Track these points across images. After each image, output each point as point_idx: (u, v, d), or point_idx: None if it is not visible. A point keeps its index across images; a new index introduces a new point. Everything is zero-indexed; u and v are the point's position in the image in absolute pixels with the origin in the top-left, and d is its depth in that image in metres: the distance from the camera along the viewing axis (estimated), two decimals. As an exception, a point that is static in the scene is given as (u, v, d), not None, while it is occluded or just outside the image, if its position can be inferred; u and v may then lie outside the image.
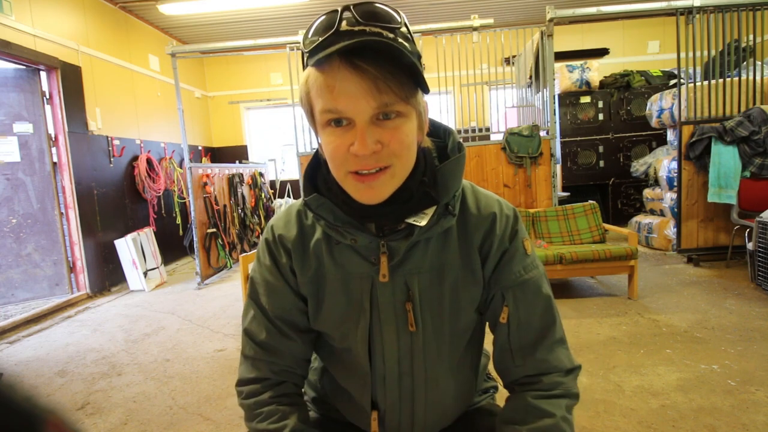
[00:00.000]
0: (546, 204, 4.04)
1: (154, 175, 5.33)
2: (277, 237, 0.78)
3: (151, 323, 3.45)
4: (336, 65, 0.58)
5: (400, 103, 0.60)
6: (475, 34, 4.00)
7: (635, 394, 1.98)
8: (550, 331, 0.75)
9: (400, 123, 0.62)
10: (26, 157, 4.02)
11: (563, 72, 5.87)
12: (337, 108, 0.60)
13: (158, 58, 5.92)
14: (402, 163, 0.64)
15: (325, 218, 0.70)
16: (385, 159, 0.62)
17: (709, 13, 3.87)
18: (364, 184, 0.64)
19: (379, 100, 0.59)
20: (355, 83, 0.58)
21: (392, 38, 0.58)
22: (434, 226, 0.70)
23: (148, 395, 2.28)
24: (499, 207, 0.76)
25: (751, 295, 3.15)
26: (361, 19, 0.59)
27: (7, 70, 3.92)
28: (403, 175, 0.66)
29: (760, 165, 3.70)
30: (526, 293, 0.75)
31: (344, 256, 0.74)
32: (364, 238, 0.70)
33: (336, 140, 0.62)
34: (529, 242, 0.78)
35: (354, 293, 0.75)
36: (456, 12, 6.07)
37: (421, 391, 0.77)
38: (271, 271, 0.78)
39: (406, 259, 0.72)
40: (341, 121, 0.61)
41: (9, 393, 0.35)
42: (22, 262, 4.08)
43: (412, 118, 0.63)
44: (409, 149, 0.64)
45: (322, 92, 0.60)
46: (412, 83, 0.61)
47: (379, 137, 0.61)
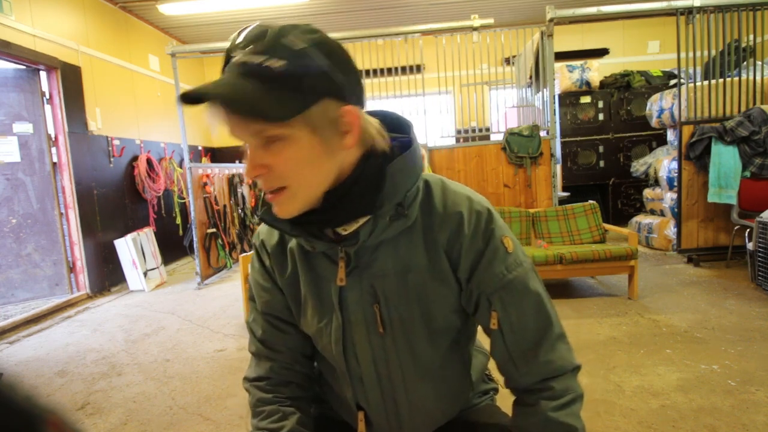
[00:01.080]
0: (546, 204, 4.04)
1: (154, 175, 5.33)
2: (260, 243, 0.82)
3: (151, 323, 3.45)
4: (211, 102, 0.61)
5: (272, 127, 0.59)
6: (475, 34, 4.00)
7: (635, 394, 1.98)
8: (548, 330, 0.72)
9: (282, 146, 0.61)
10: (26, 157, 4.02)
11: (563, 72, 5.87)
12: (233, 135, 0.63)
13: (158, 58, 5.92)
14: (297, 183, 0.63)
15: (282, 229, 0.71)
16: (276, 181, 0.62)
17: (709, 13, 3.87)
18: (272, 202, 0.66)
19: (247, 130, 0.60)
20: (228, 116, 0.60)
21: (256, 63, 0.58)
22: (387, 229, 0.68)
23: (148, 395, 2.28)
24: (468, 204, 0.72)
25: (752, 295, 3.15)
26: (238, 48, 0.61)
27: (7, 70, 3.92)
28: (307, 192, 0.64)
29: (760, 165, 3.70)
30: (513, 294, 0.71)
31: (315, 260, 0.76)
32: (321, 244, 0.71)
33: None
34: (509, 239, 0.73)
35: (325, 295, 0.76)
36: (456, 12, 6.07)
37: (401, 392, 0.77)
38: (259, 273, 0.82)
39: (370, 263, 0.72)
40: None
41: (9, 393, 0.35)
42: (22, 262, 4.08)
43: (300, 139, 0.60)
44: (299, 170, 0.62)
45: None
46: (292, 100, 0.58)
47: (264, 161, 0.61)
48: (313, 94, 0.59)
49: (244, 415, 2.04)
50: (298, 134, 0.61)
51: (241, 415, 2.04)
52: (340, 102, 0.62)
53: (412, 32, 4.04)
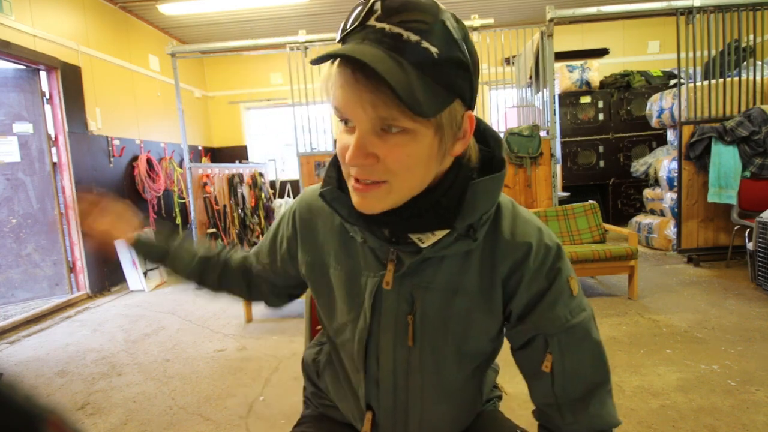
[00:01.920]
0: (546, 204, 4.04)
1: (154, 175, 5.33)
2: (306, 205, 0.80)
3: (151, 323, 3.45)
4: (345, 69, 0.53)
5: (404, 119, 0.53)
6: (475, 34, 3.99)
7: (635, 394, 1.98)
8: (603, 383, 0.69)
9: (404, 141, 0.55)
10: (26, 157, 4.02)
11: (563, 72, 5.87)
12: (341, 109, 0.55)
13: (158, 58, 5.91)
14: (401, 181, 0.57)
15: (339, 212, 0.66)
16: (380, 174, 0.57)
17: (709, 13, 3.87)
18: (358, 193, 0.59)
19: (374, 113, 0.53)
20: (355, 90, 0.52)
21: (413, 42, 0.51)
22: (450, 247, 0.64)
23: (148, 395, 2.28)
24: (538, 237, 0.67)
25: (752, 295, 3.15)
26: (384, 14, 0.52)
27: (7, 70, 3.92)
28: (403, 194, 0.59)
29: (760, 165, 3.70)
30: (573, 340, 0.67)
31: (356, 249, 0.72)
32: (374, 240, 0.66)
33: (342, 139, 0.58)
34: (575, 281, 0.68)
35: (358, 289, 0.72)
36: (456, 12, 6.01)
37: (416, 407, 0.74)
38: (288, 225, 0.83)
39: (417, 272, 0.67)
40: (347, 121, 0.57)
41: (9, 393, 0.35)
42: (22, 262, 4.08)
43: (424, 137, 0.55)
44: (411, 169, 0.57)
45: (331, 89, 0.56)
46: (438, 95, 0.53)
47: (376, 150, 0.55)
48: (453, 93, 0.55)
49: (244, 415, 2.04)
50: (425, 132, 0.55)
51: (241, 415, 2.04)
52: (465, 105, 0.58)
53: (412, 32, 4.03)
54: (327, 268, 0.76)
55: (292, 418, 2.10)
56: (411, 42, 0.51)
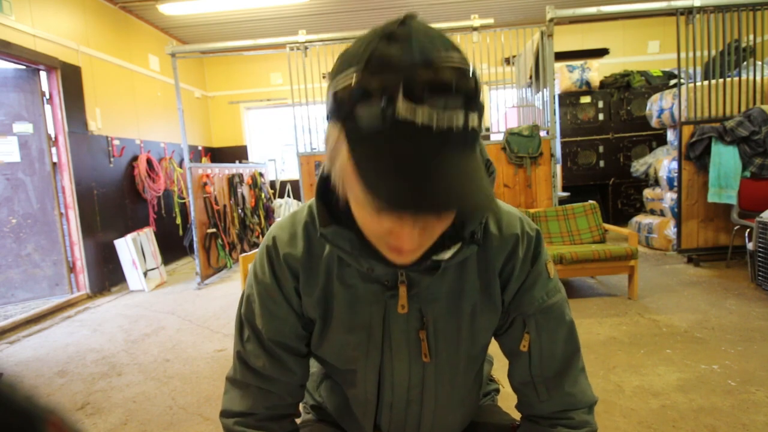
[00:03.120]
0: (546, 204, 4.04)
1: (154, 175, 5.33)
2: (283, 256, 0.69)
3: (151, 323, 3.45)
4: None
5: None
6: (475, 34, 3.99)
7: (635, 394, 1.98)
8: (574, 360, 0.72)
9: (447, 218, 0.55)
10: (26, 157, 4.02)
11: (563, 72, 5.87)
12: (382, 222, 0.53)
13: (158, 58, 5.92)
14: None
15: (341, 248, 0.63)
16: (428, 240, 0.56)
17: (709, 13, 3.87)
18: (401, 255, 0.56)
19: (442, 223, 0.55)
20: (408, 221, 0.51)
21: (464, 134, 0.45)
22: (456, 257, 0.64)
23: (148, 395, 2.28)
24: (521, 227, 0.69)
25: (752, 295, 3.15)
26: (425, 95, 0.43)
27: (7, 70, 3.92)
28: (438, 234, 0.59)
29: (760, 165, 3.70)
30: (549, 320, 0.70)
31: (354, 276, 0.68)
32: (381, 268, 0.63)
33: (374, 222, 0.54)
34: (551, 264, 0.72)
35: (362, 317, 0.68)
36: (456, 12, 6.07)
37: (428, 417, 0.74)
38: (270, 291, 0.70)
39: (424, 287, 0.67)
40: None
41: (9, 393, 0.35)
42: (22, 262, 4.08)
43: None
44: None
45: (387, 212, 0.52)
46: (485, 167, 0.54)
47: (426, 227, 0.54)
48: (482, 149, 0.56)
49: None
50: None
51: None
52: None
53: (412, 32, 4.03)
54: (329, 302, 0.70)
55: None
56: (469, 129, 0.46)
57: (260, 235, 5.98)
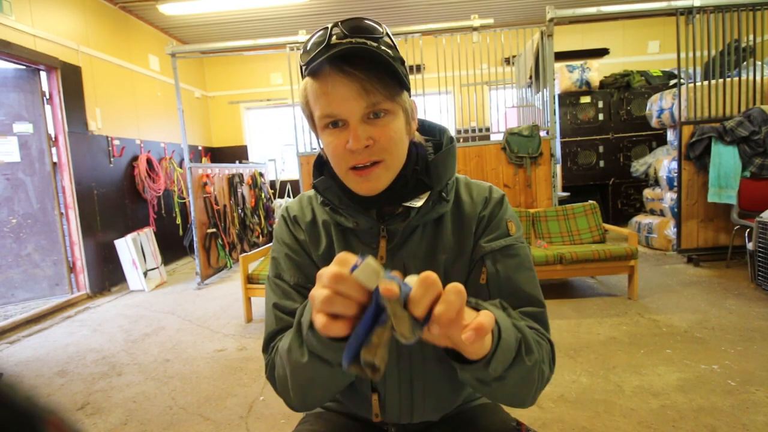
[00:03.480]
0: (546, 204, 4.04)
1: (154, 175, 5.33)
2: (293, 218, 0.85)
3: (151, 323, 3.45)
4: (328, 73, 0.67)
5: (386, 101, 0.68)
6: (475, 34, 3.99)
7: (635, 394, 1.98)
8: (535, 303, 0.74)
9: (389, 120, 0.69)
10: (26, 157, 4.02)
11: (563, 72, 5.87)
12: (332, 111, 0.68)
13: (158, 58, 5.92)
14: (393, 156, 0.71)
15: (331, 201, 0.78)
16: (377, 153, 0.70)
17: (709, 13, 3.87)
18: (362, 177, 0.71)
19: (367, 100, 0.66)
20: (346, 86, 0.66)
21: (375, 46, 0.66)
22: (430, 212, 0.76)
23: (148, 395, 2.28)
24: (489, 191, 0.83)
25: (751, 295, 3.15)
26: (347, 32, 0.67)
27: (7, 70, 3.92)
28: (396, 167, 0.73)
29: (760, 165, 3.70)
30: (506, 257, 0.76)
31: (349, 240, 0.80)
32: (365, 221, 0.76)
33: (334, 140, 0.70)
34: (514, 224, 0.80)
35: None
36: (456, 12, 6.07)
37: (418, 373, 0.80)
38: (292, 247, 0.83)
39: (404, 243, 0.77)
40: (337, 122, 0.69)
41: (9, 393, 0.35)
42: (22, 262, 4.08)
43: (399, 116, 0.71)
44: (398, 144, 0.71)
45: (318, 99, 0.68)
46: (396, 84, 0.69)
47: (370, 134, 0.68)
48: (405, 82, 0.70)
49: (244, 415, 2.04)
50: (399, 112, 0.71)
51: (241, 415, 2.04)
52: (408, 94, 0.74)
53: (412, 32, 4.04)
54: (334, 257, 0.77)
55: (292, 417, 2.10)
56: (374, 46, 0.66)
57: (260, 235, 5.98)
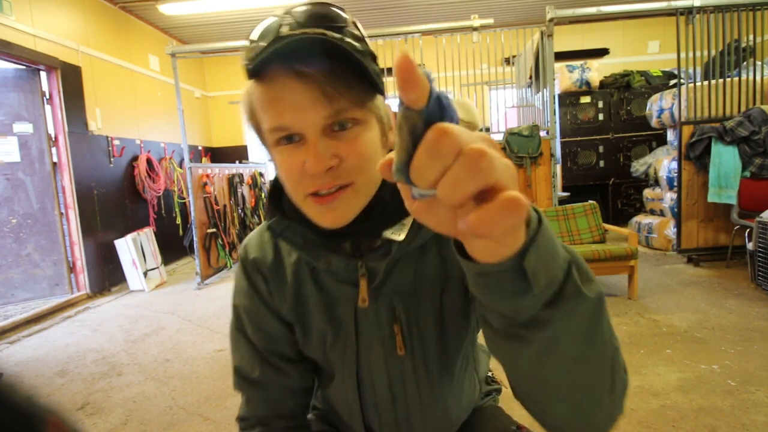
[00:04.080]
0: (546, 204, 4.04)
1: (154, 175, 5.33)
2: (251, 261, 0.70)
3: (151, 323, 3.45)
4: (277, 75, 0.52)
5: (354, 109, 0.53)
6: (475, 34, 3.99)
7: (635, 394, 1.98)
8: None
9: (358, 132, 0.55)
10: (26, 157, 4.02)
11: (563, 72, 5.87)
12: (284, 123, 0.53)
13: (158, 58, 5.92)
14: (365, 177, 0.56)
15: (293, 242, 0.64)
16: (345, 176, 0.55)
17: (709, 13, 3.87)
18: (324, 206, 0.56)
19: (329, 107, 0.52)
20: (300, 92, 0.51)
21: (338, 38, 0.51)
22: (414, 240, 0.62)
23: (148, 395, 2.28)
24: None
25: (752, 295, 3.15)
26: (301, 21, 0.52)
27: (7, 70, 3.92)
28: (369, 191, 0.59)
29: (760, 165, 3.70)
30: None
31: (325, 279, 0.67)
32: (339, 260, 0.63)
33: (288, 159, 0.55)
34: None
35: (339, 319, 0.67)
36: (456, 12, 6.07)
37: (416, 413, 0.71)
38: (251, 298, 0.71)
39: (388, 278, 0.65)
40: (292, 137, 0.54)
41: (9, 393, 0.35)
42: (22, 262, 4.08)
43: (372, 126, 0.56)
44: (371, 161, 0.56)
45: (266, 107, 0.54)
46: (367, 86, 0.55)
47: (335, 150, 0.54)
48: (378, 83, 0.55)
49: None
50: (372, 121, 0.57)
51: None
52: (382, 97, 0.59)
53: (412, 32, 4.04)
54: (304, 307, 0.69)
55: (292, 418, 2.11)
56: (336, 39, 0.50)
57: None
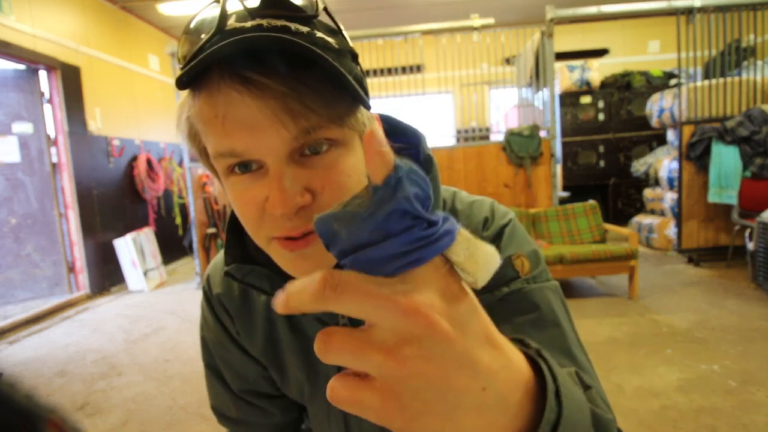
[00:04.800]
0: (546, 204, 4.04)
1: (154, 175, 5.33)
2: (216, 297, 0.61)
3: (151, 323, 3.44)
4: (218, 86, 0.38)
5: (329, 126, 0.40)
6: (475, 34, 3.99)
7: (636, 394, 1.98)
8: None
9: (336, 156, 0.41)
10: (26, 157, 4.02)
11: (563, 72, 5.87)
12: (233, 149, 0.40)
13: (158, 58, 5.91)
14: None
15: (259, 288, 0.53)
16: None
17: (709, 13, 3.87)
18: (295, 253, 0.42)
19: (294, 127, 0.38)
20: (254, 108, 0.38)
21: (306, 33, 0.38)
22: None
23: (148, 395, 2.28)
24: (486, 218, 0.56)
25: (752, 295, 3.15)
26: (255, 8, 0.39)
27: (6, 70, 3.92)
28: None
29: (760, 165, 3.70)
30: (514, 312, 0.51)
31: (299, 324, 0.58)
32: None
33: (243, 194, 0.42)
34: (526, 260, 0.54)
35: (318, 369, 0.59)
36: (456, 12, 6.07)
37: None
38: (218, 336, 0.63)
39: None
40: (248, 164, 0.41)
41: (9, 393, 0.35)
42: (21, 262, 4.07)
43: (354, 147, 0.43)
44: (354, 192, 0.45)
45: (208, 127, 0.41)
46: (346, 96, 0.41)
47: (307, 183, 0.40)
48: (361, 90, 0.42)
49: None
50: (354, 140, 0.43)
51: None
52: (366, 108, 0.45)
53: (412, 32, 4.04)
54: (278, 349, 0.61)
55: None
56: (303, 33, 0.38)
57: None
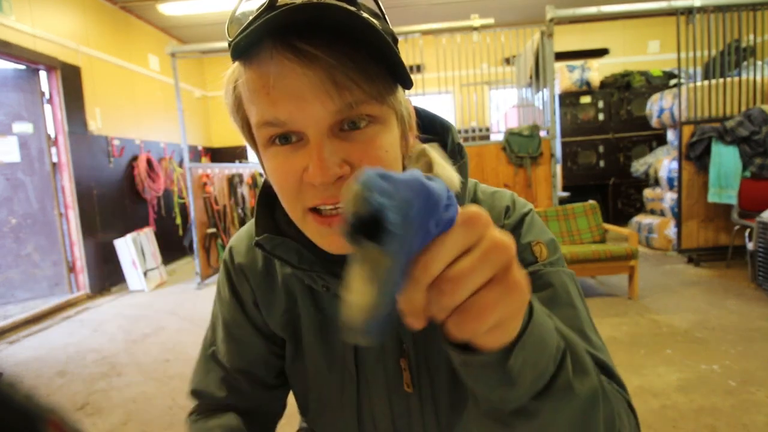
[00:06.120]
0: (546, 204, 4.04)
1: (154, 175, 5.33)
2: (237, 266, 0.62)
3: (151, 323, 3.44)
4: (270, 55, 0.40)
5: (371, 103, 0.42)
6: (475, 34, 3.99)
7: (636, 394, 1.98)
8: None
9: (375, 132, 0.43)
10: (26, 157, 4.02)
11: (563, 72, 5.87)
12: (277, 117, 0.42)
13: (158, 58, 5.91)
14: None
15: (286, 260, 0.53)
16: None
17: (709, 13, 3.87)
18: (331, 228, 0.44)
19: (339, 100, 0.41)
20: (301, 77, 0.40)
21: (353, 11, 0.39)
22: None
23: (148, 395, 2.28)
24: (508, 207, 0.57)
25: (752, 295, 3.15)
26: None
27: (6, 70, 3.92)
28: None
29: (760, 165, 3.70)
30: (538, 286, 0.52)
31: (324, 298, 0.58)
32: (339, 284, 0.52)
33: (283, 164, 0.44)
34: (544, 247, 0.55)
35: (335, 347, 0.59)
36: (456, 12, 6.07)
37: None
38: (231, 309, 0.62)
39: None
40: (288, 136, 0.43)
41: (9, 393, 0.35)
42: (21, 262, 4.07)
43: (392, 125, 0.45)
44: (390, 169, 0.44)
45: (255, 96, 0.43)
46: (388, 76, 0.43)
47: (345, 155, 0.42)
48: (403, 71, 0.43)
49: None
50: (392, 119, 0.45)
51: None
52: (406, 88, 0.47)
53: (412, 32, 4.04)
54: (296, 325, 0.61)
55: (292, 418, 2.10)
56: (351, 11, 0.39)
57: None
